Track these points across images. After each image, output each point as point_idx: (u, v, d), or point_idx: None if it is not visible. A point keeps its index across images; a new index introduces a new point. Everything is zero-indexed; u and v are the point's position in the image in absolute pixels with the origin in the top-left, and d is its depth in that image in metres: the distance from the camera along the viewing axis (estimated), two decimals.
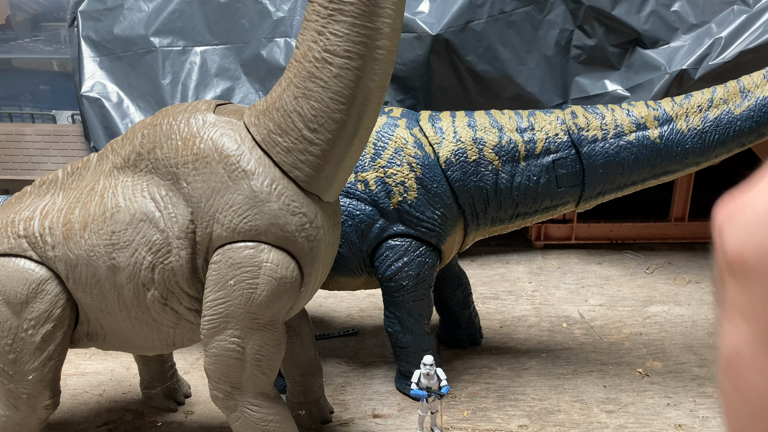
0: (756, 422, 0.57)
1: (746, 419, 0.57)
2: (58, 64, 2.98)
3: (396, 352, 1.63)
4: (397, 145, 1.51)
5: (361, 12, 1.00)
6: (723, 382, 0.60)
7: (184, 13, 2.35)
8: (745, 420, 0.57)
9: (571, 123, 1.54)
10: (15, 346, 1.20)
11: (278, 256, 1.11)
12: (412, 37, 2.15)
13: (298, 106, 1.08)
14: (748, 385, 0.55)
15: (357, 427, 1.52)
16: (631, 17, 2.17)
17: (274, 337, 1.16)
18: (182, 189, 1.13)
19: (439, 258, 1.57)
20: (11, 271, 1.19)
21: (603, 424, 1.51)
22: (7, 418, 1.26)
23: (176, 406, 1.60)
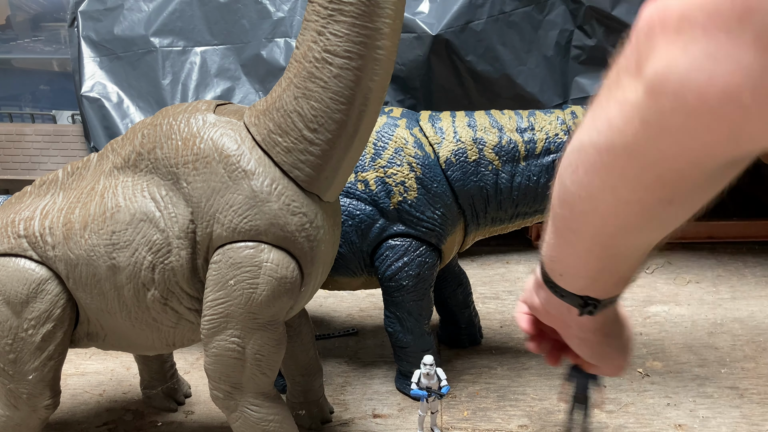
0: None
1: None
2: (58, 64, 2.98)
3: (396, 352, 1.63)
4: (397, 145, 1.51)
5: (361, 12, 1.01)
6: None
7: (184, 13, 2.35)
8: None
9: (572, 123, 1.54)
10: (15, 345, 1.20)
11: (278, 256, 1.11)
12: (412, 37, 2.15)
13: (298, 106, 1.08)
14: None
15: (357, 427, 1.53)
16: (632, 17, 2.16)
17: (275, 337, 1.17)
18: (182, 189, 1.13)
19: (439, 258, 1.57)
20: (11, 271, 1.19)
21: (603, 424, 1.51)
22: (7, 418, 1.26)
23: (176, 406, 1.60)
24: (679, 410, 1.55)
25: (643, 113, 0.60)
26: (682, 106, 0.56)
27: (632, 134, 0.61)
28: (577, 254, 0.87)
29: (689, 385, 1.65)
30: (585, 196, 0.73)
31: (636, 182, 0.67)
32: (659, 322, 1.96)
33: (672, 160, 0.63)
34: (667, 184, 0.66)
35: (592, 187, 0.71)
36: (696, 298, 2.10)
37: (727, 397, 1.60)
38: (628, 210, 0.72)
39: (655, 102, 0.58)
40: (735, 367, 1.72)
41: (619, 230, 0.76)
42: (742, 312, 2.00)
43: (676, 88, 0.55)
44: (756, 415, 1.53)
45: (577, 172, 0.72)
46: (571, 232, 0.82)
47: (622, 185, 0.68)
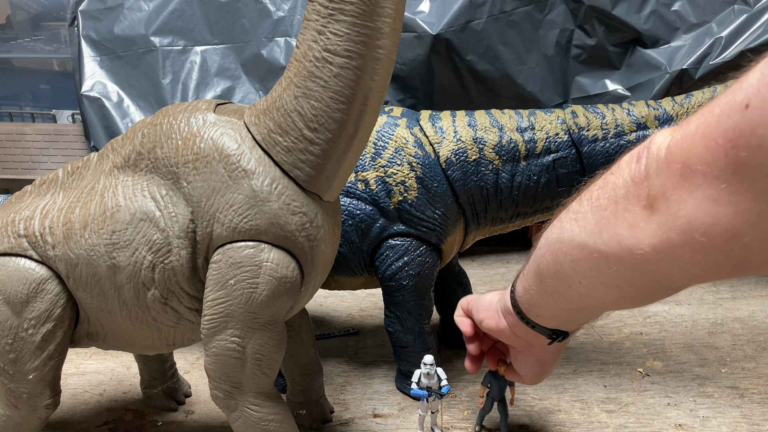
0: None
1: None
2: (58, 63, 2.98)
3: (396, 352, 1.63)
4: (397, 145, 1.51)
5: (362, 11, 1.00)
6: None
7: (185, 12, 2.35)
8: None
9: (572, 122, 1.54)
10: (15, 345, 1.20)
11: (279, 256, 1.11)
12: (413, 37, 2.15)
13: (299, 106, 1.08)
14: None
15: (357, 427, 1.52)
16: (632, 17, 2.17)
17: (275, 336, 1.16)
18: (182, 188, 1.13)
19: (440, 257, 1.57)
20: (11, 271, 1.19)
21: (603, 424, 1.51)
22: (8, 418, 1.26)
23: (176, 405, 1.60)
24: (679, 410, 1.55)
25: (654, 243, 0.67)
26: (690, 242, 0.63)
27: (642, 256, 0.70)
28: (560, 309, 1.01)
29: (689, 385, 1.65)
30: (586, 284, 0.84)
31: (640, 286, 0.76)
32: (659, 321, 1.96)
33: (677, 279, 0.71)
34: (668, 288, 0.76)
35: (594, 281, 0.82)
36: (696, 297, 2.10)
37: (727, 396, 1.60)
38: (625, 300, 0.83)
39: (666, 236, 0.65)
40: (735, 366, 1.72)
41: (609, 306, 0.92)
42: (742, 312, 2.00)
43: (685, 226, 0.62)
44: (756, 415, 1.53)
45: (579, 264, 0.82)
46: (562, 298, 0.95)
47: (626, 286, 0.78)
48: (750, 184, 0.55)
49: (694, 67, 2.10)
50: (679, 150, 0.62)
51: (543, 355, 1.19)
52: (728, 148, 0.56)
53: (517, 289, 1.12)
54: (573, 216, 0.85)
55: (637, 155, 0.72)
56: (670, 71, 2.12)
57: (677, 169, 0.62)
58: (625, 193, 0.71)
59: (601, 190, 0.78)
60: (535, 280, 1.01)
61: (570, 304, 0.95)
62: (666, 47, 2.17)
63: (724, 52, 2.08)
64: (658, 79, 2.14)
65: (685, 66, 2.10)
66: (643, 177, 0.68)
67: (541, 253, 0.97)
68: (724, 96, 0.59)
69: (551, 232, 0.94)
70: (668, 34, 2.17)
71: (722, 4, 2.14)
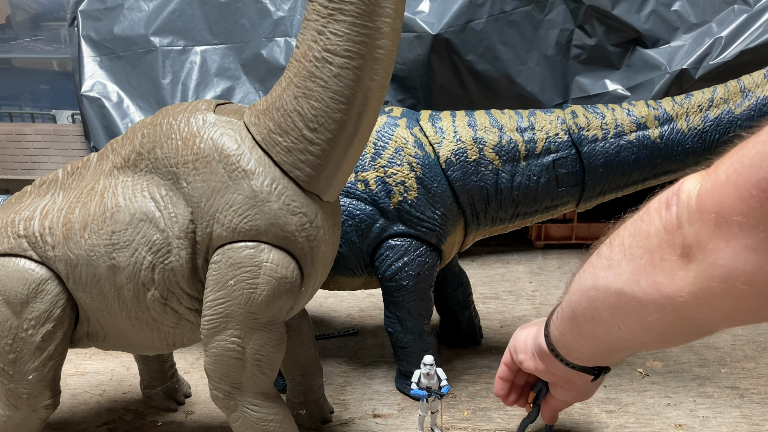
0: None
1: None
2: (58, 63, 2.98)
3: (396, 352, 1.63)
4: (397, 145, 1.51)
5: (362, 11, 1.00)
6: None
7: (184, 12, 2.35)
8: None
9: (572, 122, 1.54)
10: (15, 346, 1.20)
11: (278, 256, 1.11)
12: (412, 37, 2.15)
13: (298, 106, 1.08)
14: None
15: (357, 427, 1.52)
16: (632, 17, 2.17)
17: (275, 336, 1.16)
18: (182, 189, 1.13)
19: (440, 258, 1.57)
20: (11, 271, 1.19)
21: (603, 424, 1.51)
22: (7, 418, 1.26)
23: (176, 405, 1.60)
24: (679, 410, 1.55)
25: (694, 291, 0.68)
26: (732, 290, 0.63)
27: (683, 303, 0.71)
28: (599, 351, 1.03)
29: (689, 385, 1.65)
30: (626, 329, 0.86)
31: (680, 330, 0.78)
32: None
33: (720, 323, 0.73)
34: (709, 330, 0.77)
35: (634, 327, 0.83)
36: None
37: (727, 397, 1.60)
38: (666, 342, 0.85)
39: (706, 285, 0.66)
40: (735, 367, 1.72)
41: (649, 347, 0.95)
42: None
43: (725, 275, 0.63)
44: (756, 415, 1.53)
45: (617, 311, 0.84)
46: (600, 342, 0.97)
47: (668, 331, 0.79)
48: None
49: (694, 67, 2.10)
50: (711, 199, 0.63)
51: (584, 388, 1.21)
52: (763, 199, 0.56)
53: (553, 334, 1.12)
54: (606, 263, 0.85)
55: (666, 202, 0.72)
56: (670, 71, 2.12)
57: (711, 218, 0.62)
58: (659, 242, 0.72)
59: (632, 237, 0.78)
60: (570, 325, 1.02)
61: (609, 347, 0.97)
62: (666, 47, 2.17)
63: (724, 52, 2.08)
64: (658, 79, 2.14)
65: (685, 66, 2.10)
66: (676, 226, 0.69)
67: (575, 299, 0.97)
68: (753, 145, 0.59)
69: (584, 277, 0.94)
70: (668, 34, 2.17)
71: (722, 4, 2.14)
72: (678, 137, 1.50)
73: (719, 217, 0.61)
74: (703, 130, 1.49)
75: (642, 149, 1.51)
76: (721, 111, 1.48)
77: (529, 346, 1.23)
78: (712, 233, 0.62)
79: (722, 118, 1.48)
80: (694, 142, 1.50)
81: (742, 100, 1.47)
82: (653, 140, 1.51)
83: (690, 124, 1.50)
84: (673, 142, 1.50)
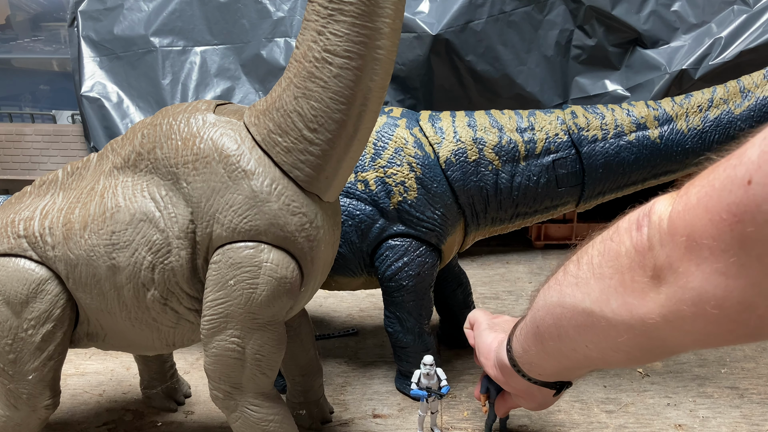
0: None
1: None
2: (58, 64, 2.98)
3: (396, 352, 1.63)
4: (397, 145, 1.51)
5: (361, 12, 1.00)
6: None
7: (184, 13, 2.35)
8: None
9: (571, 123, 1.54)
10: (15, 346, 1.20)
11: (278, 256, 1.11)
12: (412, 37, 2.15)
13: (298, 106, 1.08)
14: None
15: (357, 427, 1.52)
16: (631, 17, 2.17)
17: (275, 337, 1.17)
18: (182, 189, 1.13)
19: (439, 258, 1.57)
20: (11, 271, 1.19)
21: (603, 424, 1.51)
22: (7, 418, 1.26)
23: (176, 406, 1.60)
24: (679, 410, 1.55)
25: (664, 313, 0.68)
26: (702, 314, 0.63)
27: (653, 324, 0.70)
28: (563, 368, 1.02)
29: (689, 385, 1.65)
30: (593, 348, 0.85)
31: (649, 350, 0.77)
32: None
33: (689, 345, 0.72)
34: (678, 351, 0.77)
35: (602, 346, 0.83)
36: None
37: (727, 397, 1.60)
38: (632, 362, 0.85)
39: (676, 307, 0.65)
40: (735, 367, 1.72)
41: (615, 366, 0.95)
42: None
43: (695, 298, 0.62)
44: (756, 415, 1.53)
45: (585, 330, 0.83)
46: (566, 359, 0.96)
47: (636, 351, 0.79)
48: (759, 257, 0.55)
49: (694, 68, 2.10)
50: (682, 222, 0.62)
51: (545, 400, 1.21)
52: (733, 223, 0.56)
53: (515, 349, 1.11)
54: (574, 280, 0.84)
55: (637, 223, 0.71)
56: (670, 71, 2.12)
57: (682, 241, 0.62)
58: (630, 263, 0.71)
59: (602, 257, 0.78)
60: (535, 341, 1.01)
61: (574, 363, 0.96)
62: (666, 47, 2.17)
63: (723, 53, 2.08)
64: (657, 80, 2.14)
65: (684, 66, 2.11)
66: (647, 247, 0.68)
67: (540, 316, 0.96)
68: (723, 169, 0.59)
69: (550, 294, 0.93)
70: (668, 34, 2.17)
71: (722, 5, 2.14)
72: (678, 137, 1.50)
73: (690, 240, 0.61)
74: (702, 131, 1.49)
75: (642, 149, 1.52)
76: (720, 111, 1.48)
77: (491, 354, 1.23)
78: (683, 256, 0.62)
79: (722, 118, 1.48)
80: (694, 142, 1.50)
81: (741, 101, 1.47)
82: (653, 140, 1.51)
83: (690, 124, 1.50)
84: (673, 142, 1.51)
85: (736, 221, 0.55)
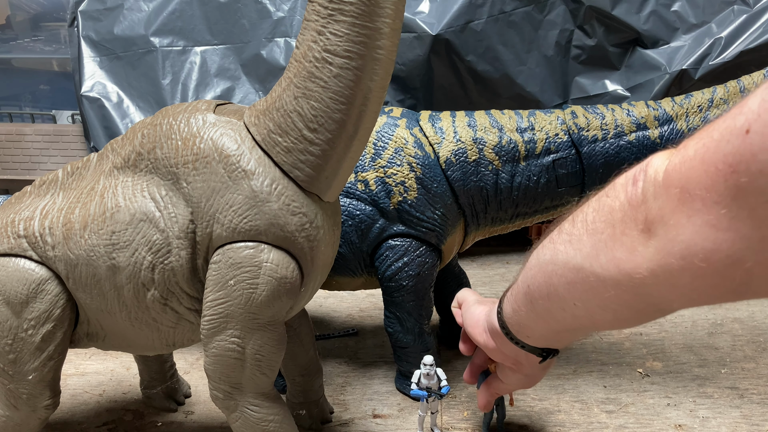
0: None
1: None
2: (58, 64, 2.98)
3: (396, 352, 1.63)
4: (397, 145, 1.51)
5: (361, 12, 1.00)
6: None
7: (184, 13, 2.35)
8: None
9: (572, 123, 1.54)
10: (15, 346, 1.20)
11: (278, 256, 1.11)
12: (412, 37, 2.15)
13: (298, 106, 1.08)
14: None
15: (357, 427, 1.52)
16: (631, 17, 2.17)
17: (275, 337, 1.16)
18: (182, 189, 1.13)
19: (439, 258, 1.57)
20: (11, 271, 1.19)
21: (603, 424, 1.51)
22: (7, 418, 1.26)
23: (176, 406, 1.60)
24: (679, 410, 1.55)
25: (652, 267, 0.67)
26: (690, 267, 0.62)
27: (640, 280, 0.69)
28: (551, 330, 1.00)
29: (689, 385, 1.65)
30: (581, 306, 0.84)
31: (637, 309, 0.77)
32: (659, 322, 1.96)
33: (675, 302, 0.71)
34: (665, 311, 0.76)
35: (590, 304, 0.82)
36: None
37: (727, 397, 1.60)
38: (621, 322, 0.84)
39: (665, 261, 0.65)
40: (735, 367, 1.72)
41: (603, 327, 0.93)
42: (742, 312, 1.99)
43: (684, 251, 0.62)
44: (756, 416, 1.53)
45: (574, 287, 0.82)
46: (554, 320, 0.94)
47: (623, 310, 0.78)
48: (751, 210, 0.54)
49: (694, 68, 2.10)
50: (678, 174, 0.61)
51: (531, 371, 1.19)
52: (728, 174, 0.55)
53: (506, 310, 1.11)
54: (567, 238, 0.84)
55: (633, 178, 0.71)
56: (670, 71, 2.12)
57: (675, 193, 0.61)
58: (622, 216, 0.70)
59: (596, 213, 0.77)
60: (525, 301, 1.00)
61: (562, 326, 0.95)
62: (666, 47, 2.17)
63: (723, 53, 2.08)
64: (657, 80, 2.14)
65: (684, 66, 2.11)
66: (641, 200, 0.67)
67: (531, 274, 0.95)
68: (723, 120, 0.58)
69: (543, 253, 0.92)
70: (668, 34, 2.17)
71: (722, 5, 2.14)
72: (678, 137, 1.50)
73: (684, 191, 0.60)
74: None
75: (642, 150, 1.52)
76: (721, 111, 1.48)
77: (480, 322, 1.21)
78: (676, 208, 0.61)
79: None
80: None
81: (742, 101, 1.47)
82: (653, 140, 1.51)
83: (690, 124, 1.50)
84: (673, 142, 1.50)
85: (731, 171, 0.54)
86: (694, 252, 0.60)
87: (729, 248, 0.57)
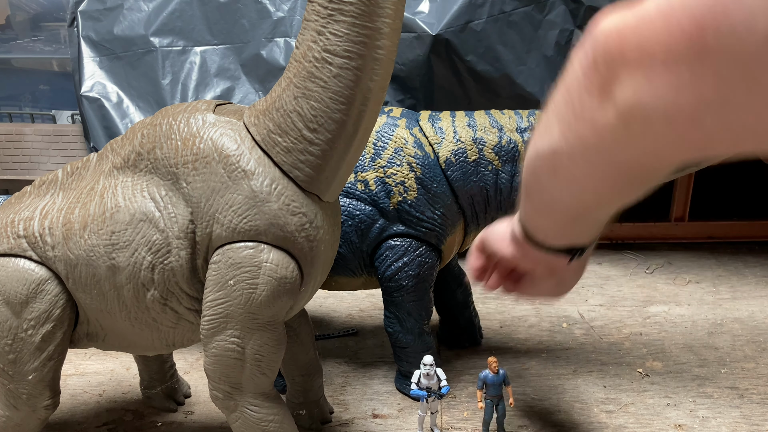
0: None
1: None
2: (58, 64, 2.98)
3: (396, 352, 1.63)
4: (397, 145, 1.51)
5: (361, 12, 1.00)
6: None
7: (184, 13, 2.35)
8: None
9: None
10: (15, 346, 1.20)
11: (278, 256, 1.11)
12: (412, 37, 2.14)
13: (298, 106, 1.08)
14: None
15: (357, 427, 1.52)
16: None
17: (274, 337, 1.16)
18: (182, 189, 1.13)
19: (439, 258, 1.57)
20: (11, 271, 1.19)
21: (603, 424, 1.51)
22: (7, 419, 1.26)
23: (176, 406, 1.60)
24: (679, 410, 1.55)
25: (615, 134, 0.66)
26: (650, 130, 0.60)
27: (606, 148, 0.69)
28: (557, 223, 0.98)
29: (689, 385, 1.65)
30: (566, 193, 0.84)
31: (612, 181, 0.76)
32: (659, 322, 1.96)
33: (642, 164, 0.71)
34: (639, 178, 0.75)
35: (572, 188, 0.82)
36: (696, 298, 2.10)
37: (727, 397, 1.60)
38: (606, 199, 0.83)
39: (626, 126, 0.63)
40: (735, 367, 1.72)
41: (594, 210, 0.90)
42: (742, 312, 2.00)
43: (645, 114, 0.60)
44: (756, 415, 1.53)
45: (556, 176, 0.82)
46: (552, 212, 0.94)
47: (600, 185, 0.78)
48: (714, 70, 0.52)
49: None
50: (635, 36, 0.58)
51: (565, 274, 1.12)
52: (693, 33, 0.52)
53: (520, 215, 1.08)
54: (543, 129, 0.82)
55: (584, 48, 0.67)
56: None
57: (633, 55, 0.58)
58: (578, 87, 0.68)
59: (560, 95, 0.74)
60: (526, 201, 0.98)
61: (561, 216, 0.93)
62: None
63: None
64: None
65: None
66: (593, 67, 0.64)
67: (524, 175, 0.94)
68: None
69: (530, 151, 0.93)
70: None
71: None
72: None
73: (642, 53, 0.57)
74: None
75: None
76: None
77: (507, 234, 1.15)
78: (634, 70, 0.58)
79: None
80: None
81: None
82: None
83: None
84: None
85: (698, 31, 0.51)
86: (655, 115, 0.58)
87: (690, 110, 0.55)
